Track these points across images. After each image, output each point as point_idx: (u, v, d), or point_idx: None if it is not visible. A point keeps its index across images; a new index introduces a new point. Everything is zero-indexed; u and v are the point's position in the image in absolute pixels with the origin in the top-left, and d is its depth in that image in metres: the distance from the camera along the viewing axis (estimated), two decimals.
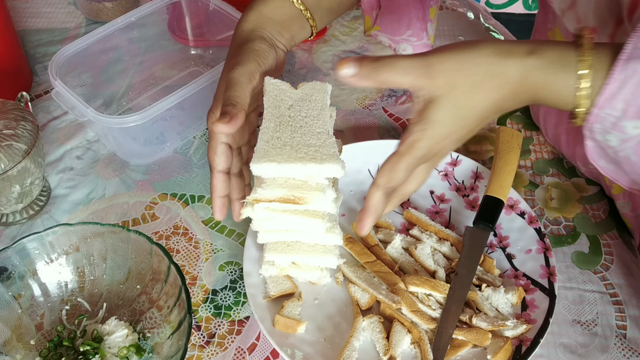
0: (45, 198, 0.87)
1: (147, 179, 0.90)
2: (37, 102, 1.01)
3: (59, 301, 0.74)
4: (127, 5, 1.14)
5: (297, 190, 0.64)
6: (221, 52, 1.03)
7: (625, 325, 0.74)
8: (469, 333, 0.69)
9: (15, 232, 0.84)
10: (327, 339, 0.71)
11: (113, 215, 0.86)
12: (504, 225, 0.80)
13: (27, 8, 1.19)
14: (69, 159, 0.93)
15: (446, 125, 0.55)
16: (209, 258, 0.81)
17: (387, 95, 1.02)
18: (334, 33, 1.13)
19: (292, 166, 0.62)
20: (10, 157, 0.77)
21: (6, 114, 0.79)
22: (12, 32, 0.99)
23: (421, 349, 0.69)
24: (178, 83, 1.03)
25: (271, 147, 0.64)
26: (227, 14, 0.96)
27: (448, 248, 0.78)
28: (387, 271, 0.75)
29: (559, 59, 0.52)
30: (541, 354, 0.71)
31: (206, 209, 0.87)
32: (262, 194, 0.65)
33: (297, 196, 0.65)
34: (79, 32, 1.14)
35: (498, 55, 0.53)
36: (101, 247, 0.74)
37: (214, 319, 0.76)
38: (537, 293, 0.73)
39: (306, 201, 0.65)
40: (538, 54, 0.52)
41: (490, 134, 0.96)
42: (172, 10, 1.03)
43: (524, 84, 0.53)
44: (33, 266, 0.73)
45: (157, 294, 0.72)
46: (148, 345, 0.71)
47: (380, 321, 0.72)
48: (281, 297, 0.74)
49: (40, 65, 1.07)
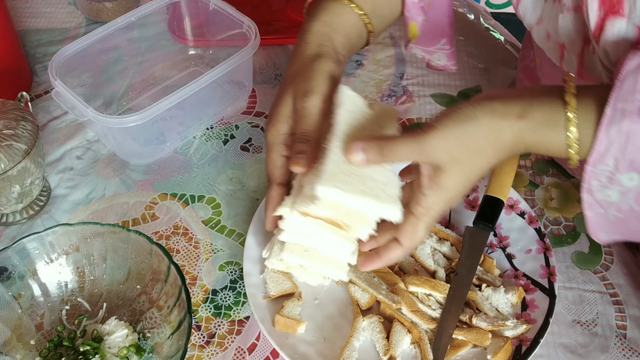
0: (45, 198, 0.87)
1: (147, 179, 0.90)
2: (37, 102, 1.01)
3: (59, 301, 0.74)
4: (127, 5, 1.14)
5: (346, 217, 0.63)
6: (221, 52, 1.03)
7: (625, 325, 0.74)
8: (469, 333, 0.69)
9: (15, 232, 0.84)
10: (327, 339, 0.71)
11: (113, 215, 0.86)
12: (504, 225, 0.80)
13: (27, 8, 1.19)
14: (69, 159, 0.93)
15: (456, 189, 0.59)
16: (209, 258, 0.81)
17: (387, 95, 1.02)
18: None
19: (355, 198, 0.59)
20: (10, 157, 0.77)
21: (6, 114, 0.79)
22: (12, 32, 0.99)
23: (421, 349, 0.69)
24: (178, 83, 1.03)
25: (339, 171, 0.60)
26: (227, 14, 0.96)
27: (448, 248, 0.78)
28: (387, 271, 0.75)
29: (548, 121, 0.54)
30: (541, 354, 0.71)
31: (206, 209, 0.87)
32: (312, 210, 0.62)
33: (345, 222, 0.64)
34: (79, 32, 1.14)
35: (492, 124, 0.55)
36: (101, 247, 0.74)
37: (214, 319, 0.76)
38: (537, 293, 0.73)
39: (351, 229, 0.64)
40: (528, 118, 0.55)
41: None
42: (172, 10, 1.03)
43: (517, 144, 0.56)
44: (33, 266, 0.73)
45: (157, 294, 0.72)
46: (148, 345, 0.71)
47: (380, 321, 0.72)
48: (281, 297, 0.74)
49: (40, 65, 1.07)
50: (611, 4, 0.57)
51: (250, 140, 0.95)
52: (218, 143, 0.95)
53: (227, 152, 0.94)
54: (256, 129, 0.97)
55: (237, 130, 0.97)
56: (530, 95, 0.56)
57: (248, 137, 0.96)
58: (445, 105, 1.01)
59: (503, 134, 0.55)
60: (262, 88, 1.03)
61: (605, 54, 0.60)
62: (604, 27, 0.58)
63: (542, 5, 0.67)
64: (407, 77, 1.06)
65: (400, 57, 1.09)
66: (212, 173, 0.91)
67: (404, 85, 1.04)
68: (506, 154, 0.57)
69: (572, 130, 0.53)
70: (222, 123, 0.98)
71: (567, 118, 0.53)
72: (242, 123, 0.98)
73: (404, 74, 1.06)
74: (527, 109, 0.55)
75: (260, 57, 1.08)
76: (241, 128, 0.97)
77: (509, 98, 0.56)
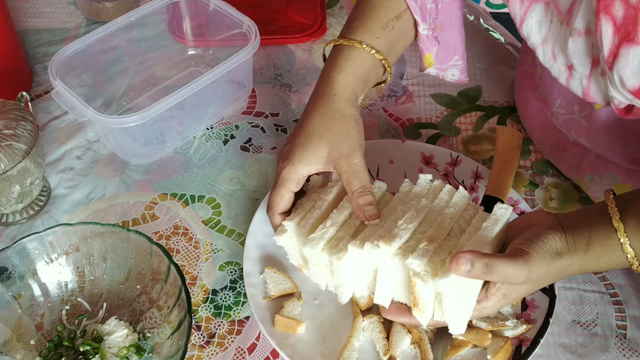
0: (45, 198, 0.87)
1: (147, 179, 0.90)
2: (37, 102, 1.01)
3: (59, 301, 0.74)
4: (127, 5, 1.14)
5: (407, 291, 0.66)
6: (221, 52, 1.03)
7: (625, 325, 0.74)
8: (469, 333, 0.69)
9: (15, 232, 0.84)
10: (327, 339, 0.71)
11: (113, 215, 0.86)
12: None
13: (27, 8, 1.19)
14: (69, 159, 0.93)
15: (514, 299, 0.65)
16: (209, 258, 0.81)
17: (387, 95, 1.02)
18: (333, 32, 1.13)
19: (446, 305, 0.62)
20: (10, 157, 0.77)
21: (6, 114, 0.79)
22: (12, 32, 0.99)
23: (421, 349, 0.69)
24: (178, 83, 1.03)
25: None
26: (227, 14, 0.96)
27: None
28: None
29: (606, 249, 0.61)
30: (541, 354, 0.71)
31: (206, 209, 0.87)
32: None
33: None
34: (79, 32, 1.14)
35: (568, 260, 0.62)
36: (101, 247, 0.74)
37: (214, 319, 0.76)
38: (537, 293, 0.73)
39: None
40: (591, 252, 0.62)
41: (490, 133, 0.96)
42: (172, 10, 1.03)
43: (582, 271, 0.63)
44: (33, 266, 0.73)
45: (157, 294, 0.72)
46: (148, 345, 0.71)
47: (380, 321, 0.72)
48: (281, 297, 0.74)
49: (40, 65, 1.07)
50: (626, 31, 0.57)
51: (250, 140, 0.95)
52: (218, 143, 0.95)
53: (227, 152, 0.94)
54: (256, 129, 0.97)
55: (237, 130, 0.97)
56: (588, 226, 0.62)
57: (248, 137, 0.96)
58: (446, 105, 1.01)
59: (573, 267, 0.62)
60: (262, 88, 1.03)
61: (620, 80, 0.60)
62: (618, 54, 0.58)
63: (548, 26, 0.67)
64: (407, 77, 1.05)
65: (400, 57, 1.09)
66: (212, 173, 0.91)
67: (404, 85, 1.04)
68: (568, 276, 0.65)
69: (628, 251, 0.60)
70: (222, 123, 0.98)
71: (621, 243, 0.60)
72: (242, 123, 0.98)
73: (404, 74, 1.06)
74: (589, 242, 0.61)
75: (260, 57, 1.08)
76: (241, 128, 0.97)
77: (575, 229, 0.62)
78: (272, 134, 0.96)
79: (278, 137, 0.96)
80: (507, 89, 1.03)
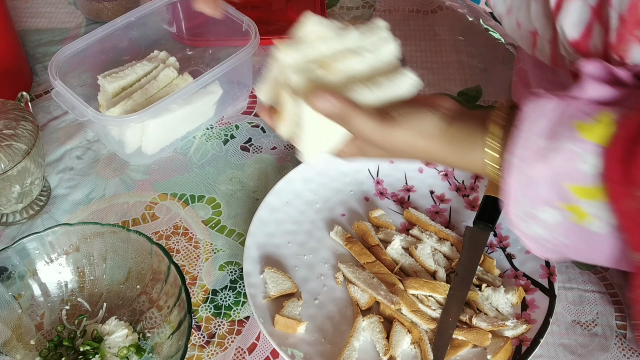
0: (45, 198, 0.87)
1: (147, 179, 0.91)
2: (37, 102, 1.01)
3: (59, 301, 0.74)
4: (127, 5, 1.14)
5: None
6: (221, 52, 1.03)
7: (625, 325, 0.74)
8: (469, 333, 0.69)
9: (15, 232, 0.84)
10: (327, 339, 0.71)
11: (113, 215, 0.86)
12: (504, 225, 0.80)
13: (27, 8, 1.19)
14: (69, 159, 0.93)
15: (378, 154, 0.63)
16: (209, 258, 0.81)
17: None
18: None
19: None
20: (10, 157, 0.77)
21: (6, 114, 0.79)
22: (12, 32, 0.99)
23: (421, 349, 0.69)
24: None
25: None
26: (227, 14, 0.96)
27: (448, 248, 0.78)
28: (386, 272, 0.75)
29: (467, 144, 0.58)
30: (541, 354, 0.71)
31: (206, 209, 0.87)
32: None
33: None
34: (79, 32, 1.14)
35: (433, 145, 0.59)
36: (101, 247, 0.74)
37: (214, 319, 0.76)
38: (537, 293, 0.73)
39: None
40: (454, 144, 0.58)
41: None
42: (172, 10, 1.03)
43: (443, 162, 0.61)
44: (33, 266, 0.73)
45: (157, 294, 0.72)
46: (148, 345, 0.71)
47: (380, 321, 0.72)
48: (281, 297, 0.74)
49: (40, 65, 1.07)
50: None
51: (250, 140, 0.95)
52: (218, 143, 0.95)
53: (227, 152, 0.94)
54: (256, 129, 0.97)
55: (237, 130, 0.97)
56: (466, 121, 0.59)
57: (248, 137, 0.96)
58: None
59: (436, 153, 0.59)
60: None
61: (562, 32, 0.61)
62: (561, 6, 0.60)
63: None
64: None
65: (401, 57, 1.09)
66: (212, 173, 0.91)
67: None
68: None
69: (486, 151, 0.57)
70: (222, 123, 0.98)
71: (485, 142, 0.57)
72: (242, 123, 0.98)
73: None
74: (455, 134, 0.58)
75: (260, 57, 1.08)
76: (241, 128, 0.97)
77: (455, 121, 0.59)
78: (272, 134, 0.96)
79: (278, 137, 0.96)
80: (507, 89, 1.03)
